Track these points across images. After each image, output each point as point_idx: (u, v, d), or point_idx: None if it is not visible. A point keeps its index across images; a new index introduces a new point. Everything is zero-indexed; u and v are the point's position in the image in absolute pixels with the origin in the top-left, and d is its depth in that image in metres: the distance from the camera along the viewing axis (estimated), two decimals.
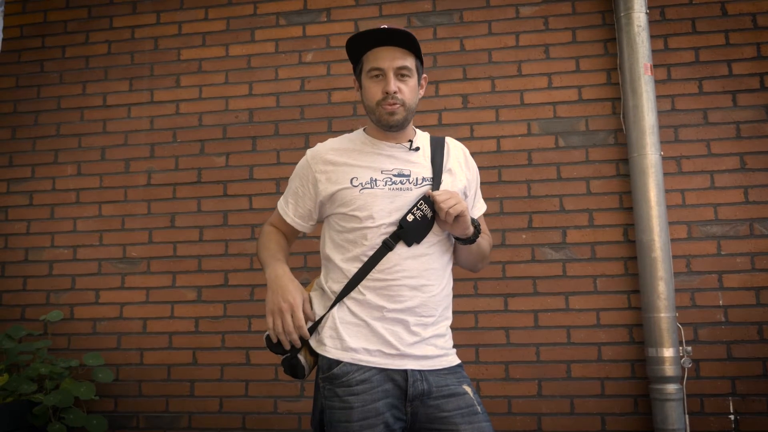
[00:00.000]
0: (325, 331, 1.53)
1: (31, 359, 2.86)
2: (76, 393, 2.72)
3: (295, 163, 1.74)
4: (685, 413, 2.61)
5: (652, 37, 2.87)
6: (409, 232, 1.52)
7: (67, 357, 2.95)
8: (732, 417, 2.63)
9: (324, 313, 1.55)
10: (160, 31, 3.29)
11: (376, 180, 1.56)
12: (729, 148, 2.80)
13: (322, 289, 1.60)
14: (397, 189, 1.55)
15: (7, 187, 3.27)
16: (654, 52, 2.87)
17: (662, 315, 2.62)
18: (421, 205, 1.52)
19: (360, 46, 1.60)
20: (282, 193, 3.01)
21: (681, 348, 2.64)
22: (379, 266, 1.52)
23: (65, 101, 3.30)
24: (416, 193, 1.56)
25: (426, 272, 1.55)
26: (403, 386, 1.48)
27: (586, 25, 2.98)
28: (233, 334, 2.99)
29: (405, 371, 1.49)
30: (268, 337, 1.54)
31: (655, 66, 2.86)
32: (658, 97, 2.84)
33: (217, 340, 3.00)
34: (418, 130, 1.71)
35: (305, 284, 1.69)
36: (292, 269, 3.04)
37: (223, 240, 3.07)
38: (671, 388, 2.59)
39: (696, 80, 2.87)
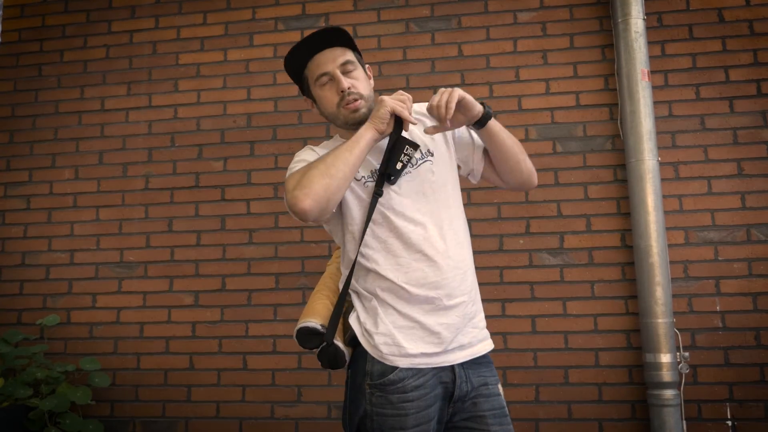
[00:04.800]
0: (379, 338, 1.48)
1: (28, 364, 2.85)
2: (73, 398, 2.71)
3: None
4: (682, 419, 2.60)
5: (650, 43, 2.88)
6: (396, 175, 1.49)
7: (64, 361, 2.94)
8: (729, 423, 2.63)
9: (367, 315, 1.52)
10: (158, 35, 3.30)
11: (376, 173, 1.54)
12: (726, 154, 2.81)
13: (357, 292, 1.55)
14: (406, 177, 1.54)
15: (5, 190, 3.26)
16: (651, 58, 2.87)
17: (660, 320, 2.62)
18: (407, 150, 1.49)
19: (297, 62, 1.59)
20: (280, 198, 3.02)
21: (678, 353, 2.64)
22: (408, 246, 1.49)
23: (63, 105, 3.30)
24: (421, 169, 1.54)
25: (450, 226, 1.54)
26: (451, 389, 1.50)
27: (583, 31, 2.99)
28: (230, 338, 2.98)
29: (454, 373, 1.49)
30: (300, 332, 1.50)
31: (652, 72, 2.87)
32: (656, 103, 2.84)
33: (214, 344, 2.99)
34: None
35: (302, 288, 1.67)
36: (289, 274, 3.05)
37: (221, 244, 3.06)
38: (669, 393, 2.59)
39: (693, 86, 2.88)
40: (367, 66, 1.65)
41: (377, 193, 1.50)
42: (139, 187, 3.17)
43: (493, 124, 1.55)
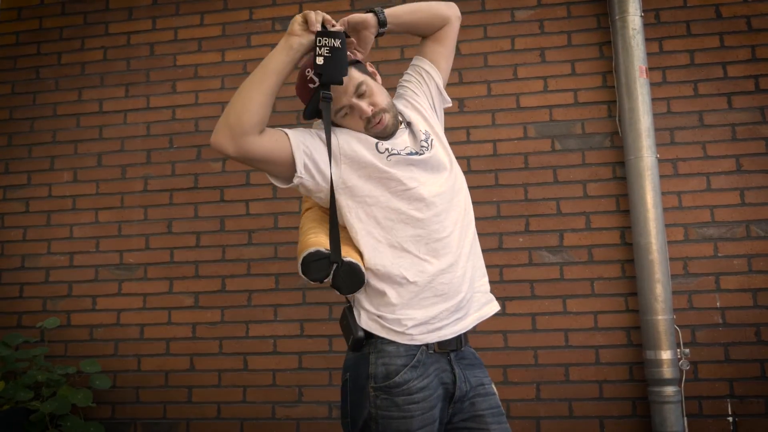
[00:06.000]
0: (408, 321, 1.48)
1: (28, 366, 2.85)
2: (74, 400, 2.71)
3: None
4: (683, 416, 2.60)
5: (647, 40, 2.88)
6: (327, 71, 1.44)
7: (64, 364, 2.94)
8: (730, 419, 2.63)
9: (388, 303, 1.50)
10: (155, 37, 3.29)
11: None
12: (725, 150, 2.81)
13: (373, 279, 1.52)
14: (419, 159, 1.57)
15: (3, 193, 3.26)
16: (649, 54, 2.87)
17: (660, 317, 2.62)
18: (319, 42, 1.43)
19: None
20: (279, 198, 3.02)
21: (679, 350, 2.64)
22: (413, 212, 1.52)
23: (61, 108, 3.30)
24: (433, 147, 1.59)
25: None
26: (451, 390, 1.51)
27: (581, 29, 2.99)
28: (231, 339, 2.98)
29: (453, 373, 1.51)
30: (306, 260, 1.43)
31: (650, 69, 2.87)
32: (654, 100, 2.84)
33: (215, 345, 2.99)
34: None
35: (302, 288, 1.64)
36: (289, 274, 3.03)
37: (220, 245, 3.06)
38: (669, 390, 2.59)
39: (691, 83, 2.88)
40: (368, 64, 1.65)
41: (324, 97, 1.49)
42: (138, 188, 3.17)
43: (394, 17, 1.58)
